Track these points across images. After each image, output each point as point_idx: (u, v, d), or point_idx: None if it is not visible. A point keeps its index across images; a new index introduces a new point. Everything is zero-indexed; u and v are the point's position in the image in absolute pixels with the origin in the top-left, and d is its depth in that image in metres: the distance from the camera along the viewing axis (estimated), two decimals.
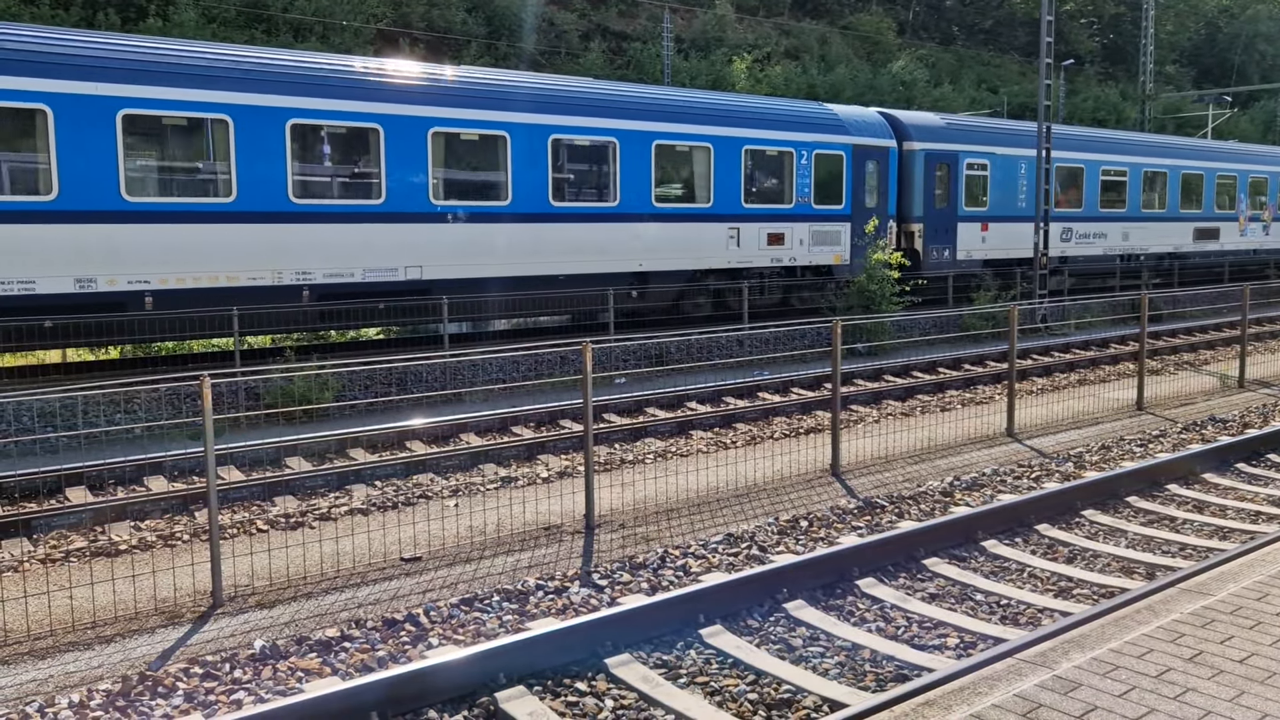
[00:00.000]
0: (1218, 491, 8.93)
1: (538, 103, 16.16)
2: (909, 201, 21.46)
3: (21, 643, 5.89)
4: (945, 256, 21.87)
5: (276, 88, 13.79)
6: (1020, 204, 23.11)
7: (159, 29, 28.87)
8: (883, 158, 20.75)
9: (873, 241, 19.25)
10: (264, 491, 8.97)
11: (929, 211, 21.57)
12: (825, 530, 7.73)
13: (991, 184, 22.65)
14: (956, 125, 22.90)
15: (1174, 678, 4.10)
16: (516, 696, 5.04)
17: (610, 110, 17.06)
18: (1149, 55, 44.97)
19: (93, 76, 12.45)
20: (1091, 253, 25.20)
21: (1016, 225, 23.06)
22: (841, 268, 20.16)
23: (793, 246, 19.45)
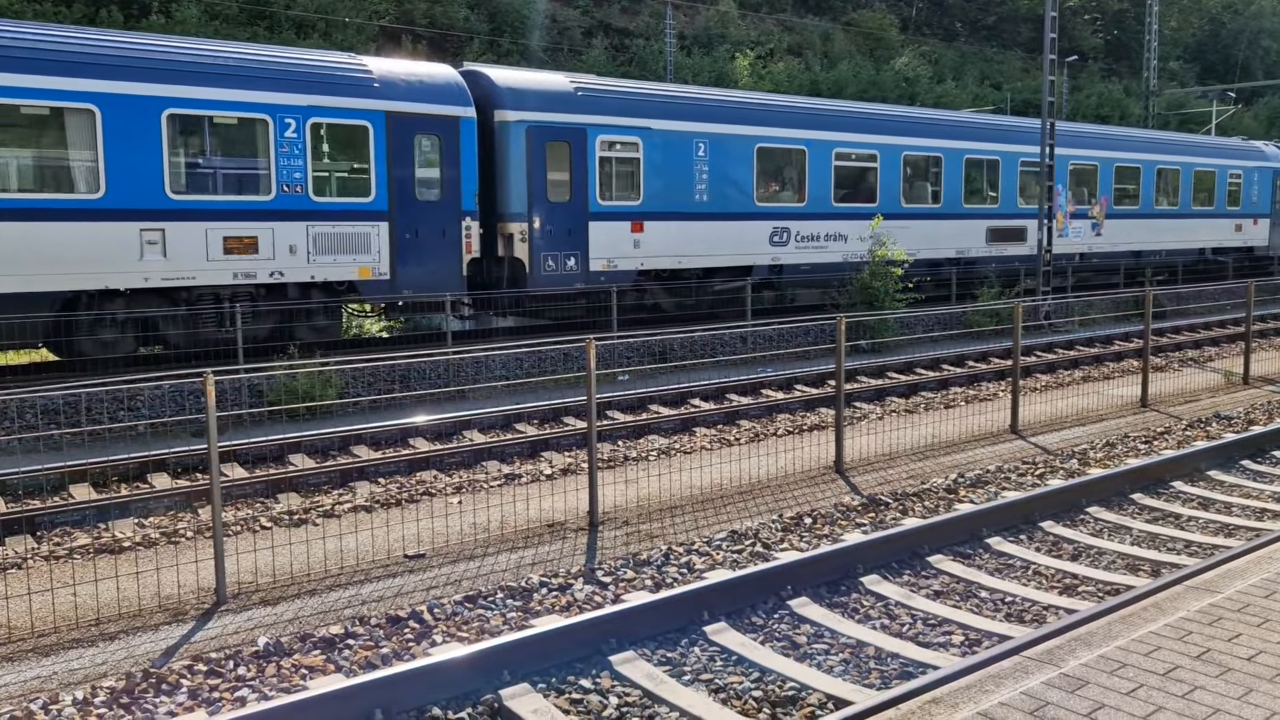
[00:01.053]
0: (1223, 489, 8.90)
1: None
2: (504, 193, 16.11)
3: (26, 640, 5.89)
4: (570, 267, 16.51)
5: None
6: (698, 197, 17.91)
7: (161, 26, 28.86)
8: (448, 131, 15.19)
9: (439, 247, 15.07)
10: (267, 488, 8.97)
11: (539, 206, 16.16)
12: (829, 527, 7.71)
13: (648, 169, 17.27)
14: (590, 90, 17.18)
15: (1182, 675, 4.09)
16: (521, 694, 5.03)
17: None
18: (1153, 51, 44.84)
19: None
20: (822, 259, 19.90)
21: (691, 225, 17.88)
22: (376, 283, 14.86)
23: (274, 255, 13.98)
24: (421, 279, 15.15)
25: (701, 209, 18.03)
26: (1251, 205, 29.63)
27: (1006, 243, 23.17)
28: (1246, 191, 29.71)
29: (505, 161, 16.08)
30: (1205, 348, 18.19)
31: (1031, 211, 23.10)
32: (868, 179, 20.72)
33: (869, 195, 20.69)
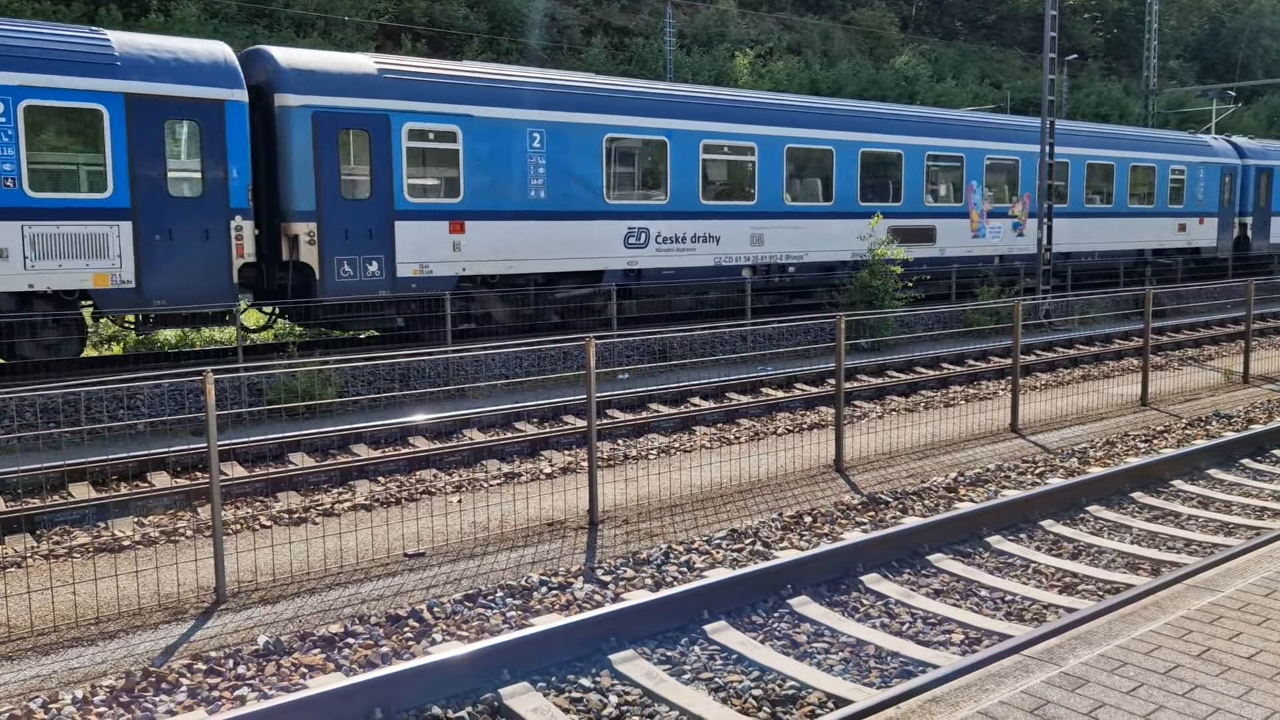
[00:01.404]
0: (1223, 487, 8.90)
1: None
2: (288, 188, 14.06)
3: (25, 638, 5.88)
4: (372, 272, 14.58)
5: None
6: (534, 194, 15.96)
7: (161, 25, 28.85)
8: (210, 117, 13.19)
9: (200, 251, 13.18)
10: (267, 487, 8.96)
11: (331, 204, 14.20)
12: (829, 526, 7.71)
13: (469, 162, 15.38)
14: (397, 72, 15.10)
15: (1182, 674, 4.08)
16: (521, 693, 5.03)
17: None
18: (1152, 50, 44.84)
19: None
20: (689, 263, 17.76)
21: (526, 225, 15.90)
22: (118, 293, 12.79)
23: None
24: (176, 287, 13.02)
25: (538, 207, 16.04)
26: (1196, 204, 27.53)
27: (912, 244, 20.77)
28: (1191, 189, 27.57)
29: (288, 152, 13.97)
30: (1205, 346, 18.19)
31: (942, 210, 21.63)
32: (743, 174, 18.55)
33: (745, 192, 18.58)
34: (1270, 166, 30.31)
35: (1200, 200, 27.76)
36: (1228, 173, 28.79)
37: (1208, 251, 28.49)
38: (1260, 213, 29.77)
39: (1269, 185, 30.29)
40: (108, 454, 9.67)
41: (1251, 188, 29.61)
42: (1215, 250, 28.67)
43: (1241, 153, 29.72)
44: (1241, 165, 29.51)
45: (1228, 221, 29.09)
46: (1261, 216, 29.90)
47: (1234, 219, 29.27)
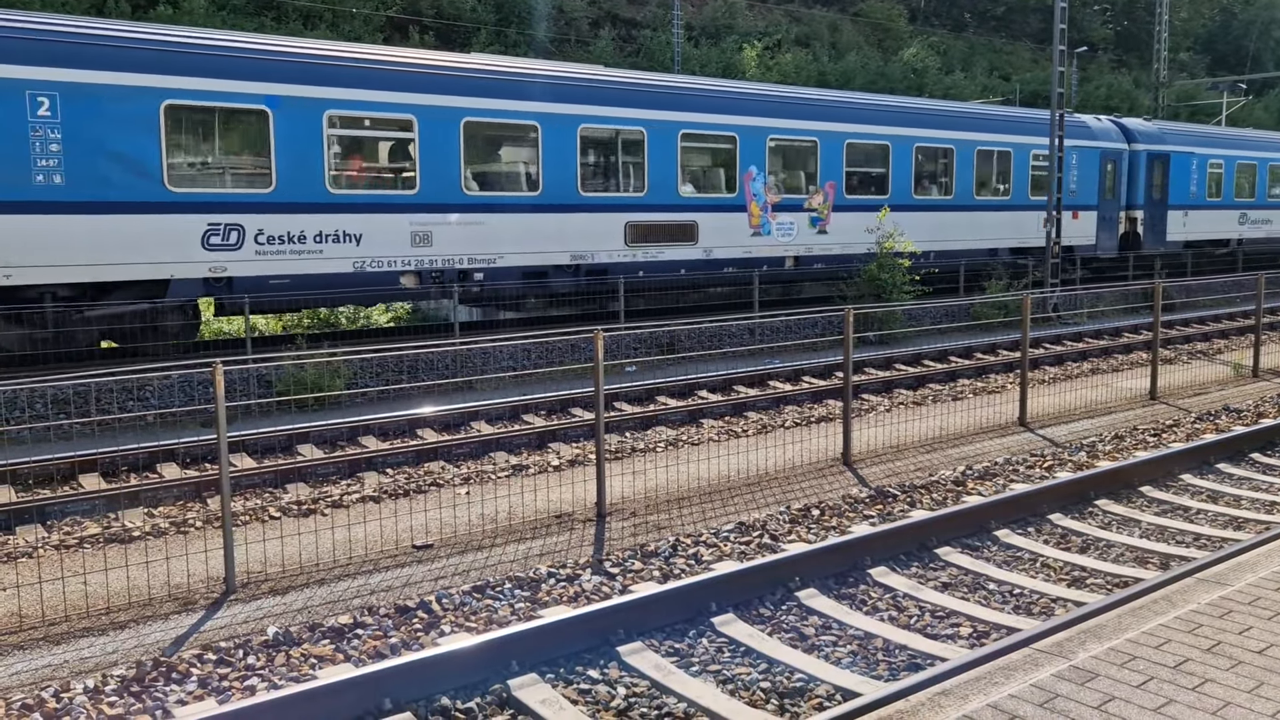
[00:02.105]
0: (1232, 482, 8.88)
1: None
2: None
3: (37, 628, 5.91)
4: None
5: None
6: (43, 178, 11.95)
7: (169, 17, 28.87)
8: None
9: None
10: (276, 478, 8.99)
11: None
12: (837, 519, 7.71)
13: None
14: None
15: (1192, 668, 4.08)
16: (529, 684, 5.04)
17: None
18: (1163, 42, 44.61)
19: None
20: (314, 269, 13.86)
21: (36, 220, 11.98)
22: None
23: None
24: None
25: (50, 196, 11.98)
26: (1070, 195, 23.26)
27: (663, 244, 17.01)
28: (1062, 177, 23.53)
29: None
30: (1214, 340, 18.12)
31: (706, 202, 17.53)
32: (400, 153, 14.81)
33: (403, 179, 14.69)
34: (1166, 153, 25.73)
35: (1074, 191, 23.44)
36: (1110, 159, 24.56)
37: (1085, 250, 24.21)
38: (1154, 206, 25.35)
39: (1164, 174, 25.72)
40: (118, 445, 9.70)
41: (1143, 177, 25.26)
42: (1095, 249, 24.44)
43: (1130, 135, 25.48)
44: (1129, 151, 25.25)
45: (1110, 216, 24.77)
46: (1155, 211, 25.43)
47: (1119, 213, 25.08)
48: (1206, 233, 27.39)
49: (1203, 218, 27.23)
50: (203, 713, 4.57)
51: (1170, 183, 25.82)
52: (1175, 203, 26.18)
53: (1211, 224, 27.57)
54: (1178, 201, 26.24)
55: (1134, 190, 25.37)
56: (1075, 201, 23.69)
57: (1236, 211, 28.30)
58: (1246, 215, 28.67)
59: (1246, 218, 28.71)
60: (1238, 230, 28.52)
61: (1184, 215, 26.37)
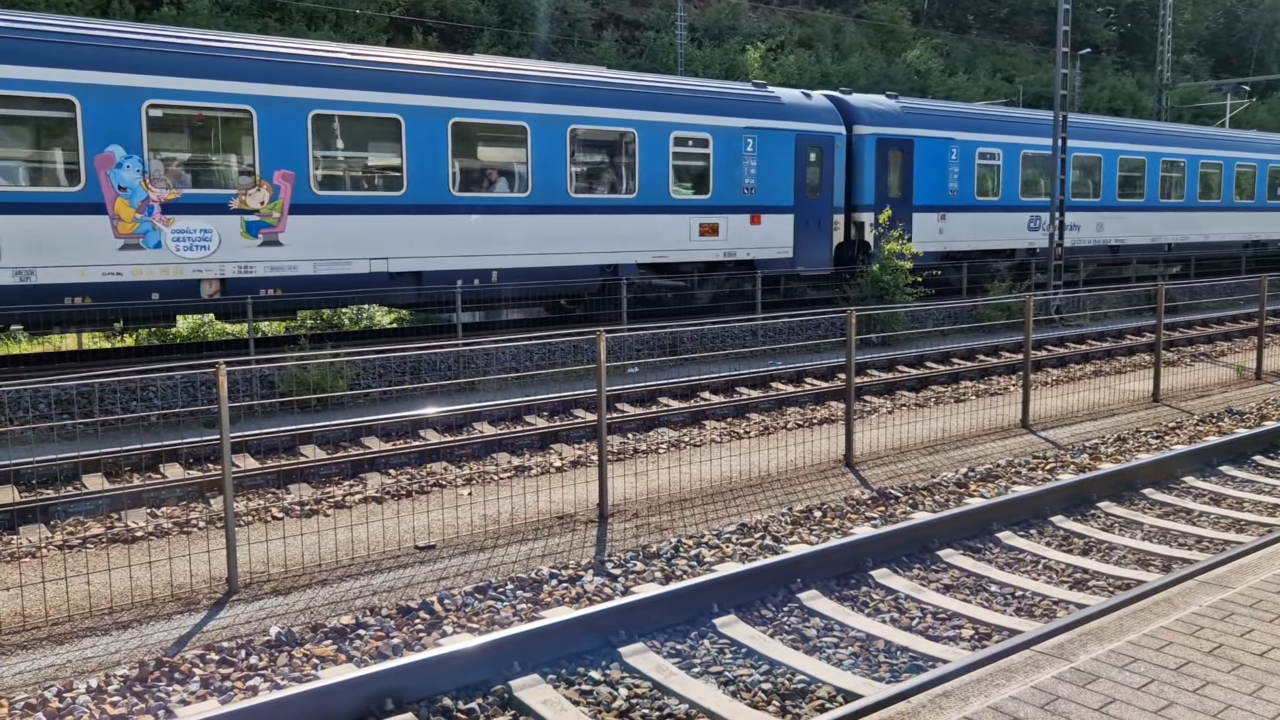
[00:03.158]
0: (1235, 484, 8.87)
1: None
2: None
3: (40, 628, 5.93)
4: None
5: None
6: None
7: (173, 18, 28.93)
8: None
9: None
10: (279, 479, 9.00)
11: None
12: (839, 521, 7.71)
13: None
14: None
15: (1193, 670, 4.08)
16: (531, 685, 5.05)
17: None
18: (1166, 44, 44.56)
19: None
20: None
21: None
22: None
23: None
24: None
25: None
26: (743, 193, 18.01)
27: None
28: (729, 170, 17.74)
29: None
30: (1217, 342, 18.11)
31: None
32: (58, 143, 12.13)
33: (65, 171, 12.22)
34: (908, 139, 20.32)
35: (749, 188, 18.16)
36: (814, 145, 19.07)
37: (773, 266, 18.66)
38: (892, 208, 19.69)
39: (907, 166, 20.48)
40: (121, 445, 9.72)
41: (871, 169, 19.89)
42: (791, 264, 18.92)
43: (852, 115, 20.01)
44: (848, 135, 19.74)
45: (818, 220, 19.23)
46: (895, 214, 19.63)
47: (830, 216, 19.53)
48: (976, 241, 21.82)
49: (969, 222, 21.73)
50: (205, 713, 4.58)
51: (916, 177, 20.62)
52: (925, 203, 20.77)
53: (983, 230, 21.95)
54: (929, 201, 20.87)
55: (859, 187, 19.93)
56: (754, 201, 18.28)
57: (1025, 214, 22.81)
58: (1040, 219, 22.81)
59: (1041, 222, 22.82)
60: (1027, 238, 22.78)
61: (939, 219, 21.05)
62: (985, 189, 22.12)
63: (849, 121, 20.03)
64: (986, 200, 22.14)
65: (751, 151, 18.23)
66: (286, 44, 14.60)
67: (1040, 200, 22.72)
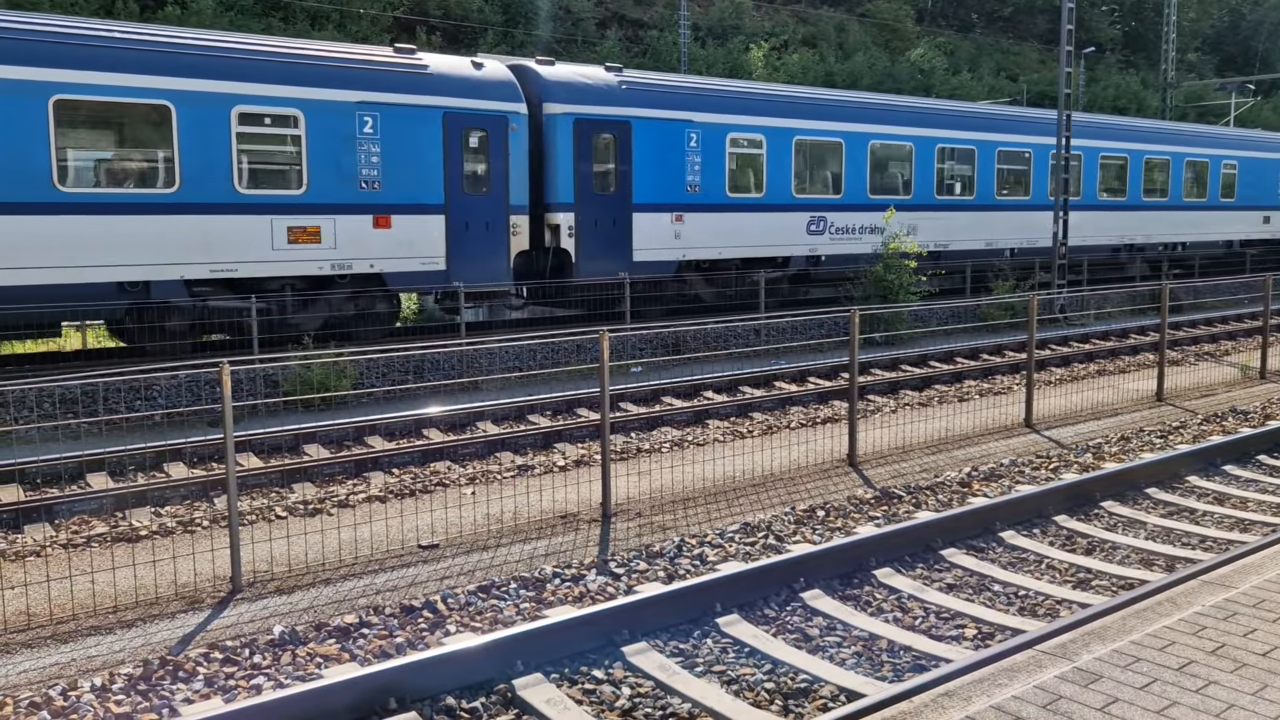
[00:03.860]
0: (1239, 484, 8.86)
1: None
2: None
3: (44, 626, 5.94)
4: None
5: None
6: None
7: (177, 18, 28.96)
8: None
9: None
10: (283, 478, 9.02)
11: None
12: (842, 520, 7.71)
13: None
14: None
15: (1196, 670, 4.07)
16: (534, 684, 5.05)
17: None
18: (1171, 43, 44.51)
19: None
20: None
21: None
22: None
23: None
24: None
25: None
26: (358, 188, 14.26)
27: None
28: (334, 157, 13.91)
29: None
30: (1221, 341, 18.08)
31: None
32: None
33: None
34: (624, 120, 16.40)
35: (371, 181, 14.35)
36: (476, 127, 15.14)
37: (416, 281, 14.97)
38: (600, 207, 16.30)
39: (623, 154, 16.52)
40: (125, 445, 9.74)
41: (568, 158, 16.01)
42: (444, 278, 15.07)
43: (541, 90, 16.04)
44: (537, 115, 15.98)
45: (482, 222, 15.31)
46: (605, 214, 16.34)
47: (505, 218, 15.49)
48: (730, 247, 17.97)
49: (720, 225, 17.76)
50: (209, 711, 4.59)
51: (637, 168, 16.68)
52: (651, 201, 16.85)
53: (741, 235, 18.07)
54: (658, 199, 16.95)
55: (553, 180, 16.05)
56: (378, 198, 14.43)
57: (803, 215, 18.98)
58: (826, 220, 19.26)
59: (827, 224, 19.28)
60: (808, 242, 19.01)
61: (673, 221, 17.18)
62: (744, 183, 18.13)
63: (537, 98, 15.97)
64: (744, 198, 18.07)
65: (372, 134, 14.28)
66: None
67: (826, 198, 19.16)
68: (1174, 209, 26.09)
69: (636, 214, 16.79)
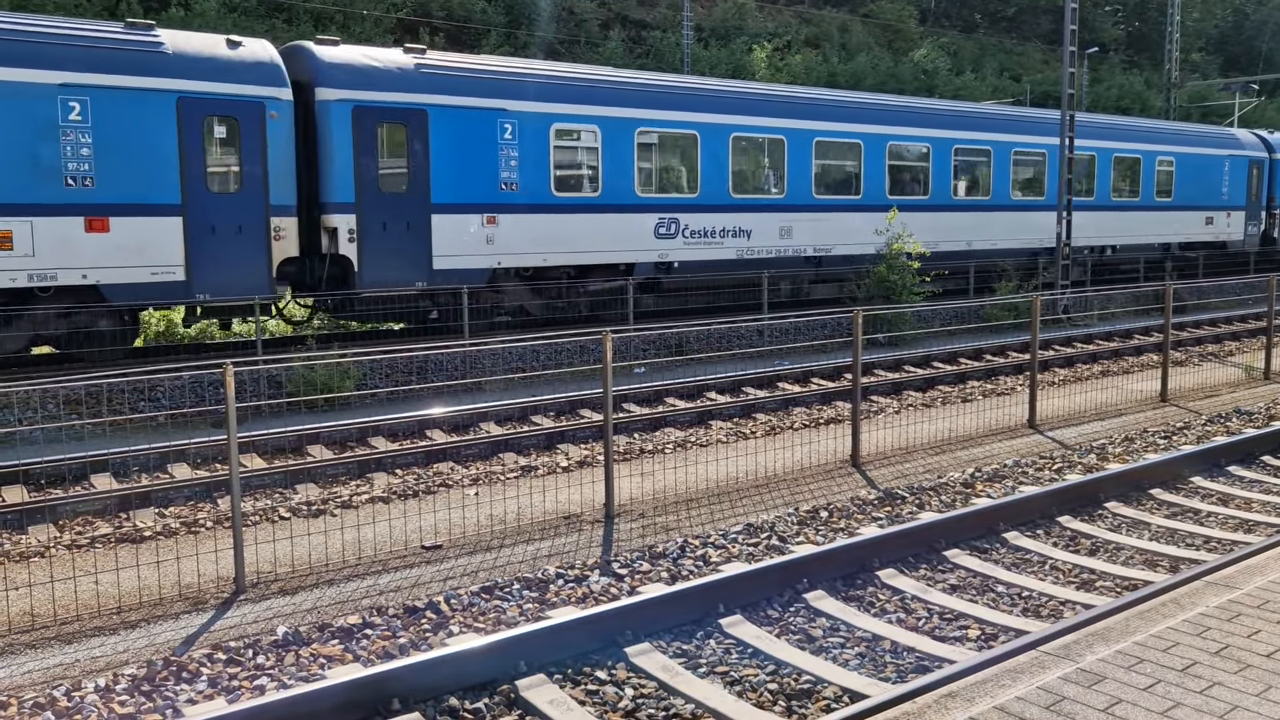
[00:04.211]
0: (1243, 484, 8.84)
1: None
2: None
3: (49, 627, 5.96)
4: None
5: None
6: None
7: (181, 19, 29.01)
8: None
9: None
10: (286, 479, 9.03)
11: None
12: (845, 521, 7.70)
13: None
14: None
15: (1200, 671, 4.07)
16: (537, 684, 5.06)
17: None
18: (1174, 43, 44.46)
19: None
20: None
21: None
22: None
23: None
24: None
25: None
26: (63, 186, 12.26)
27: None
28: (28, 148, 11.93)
29: None
30: (1225, 342, 18.04)
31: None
32: None
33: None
34: (419, 108, 14.51)
35: (79, 178, 12.38)
36: (222, 115, 13.20)
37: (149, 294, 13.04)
38: (385, 207, 14.36)
39: (418, 147, 14.60)
40: (129, 445, 9.75)
41: (346, 151, 14.01)
42: (184, 290, 13.11)
43: (314, 72, 14.10)
44: (306, 101, 14.04)
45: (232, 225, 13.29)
46: (390, 214, 14.39)
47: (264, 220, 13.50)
48: (558, 253, 15.98)
49: (543, 228, 15.70)
50: (212, 712, 4.60)
51: (435, 164, 14.71)
52: (455, 200, 14.93)
53: (573, 240, 16.09)
54: (464, 198, 15.04)
55: (328, 177, 14.08)
56: (91, 197, 12.48)
57: (650, 216, 16.88)
58: (679, 223, 17.09)
59: (680, 228, 17.09)
60: (656, 247, 16.91)
61: (485, 224, 15.27)
62: (573, 182, 16.18)
63: (308, 81, 14.04)
64: (575, 197, 16.10)
65: (78, 121, 12.23)
66: None
67: (680, 198, 17.13)
68: (1101, 209, 24.05)
69: (436, 215, 14.77)
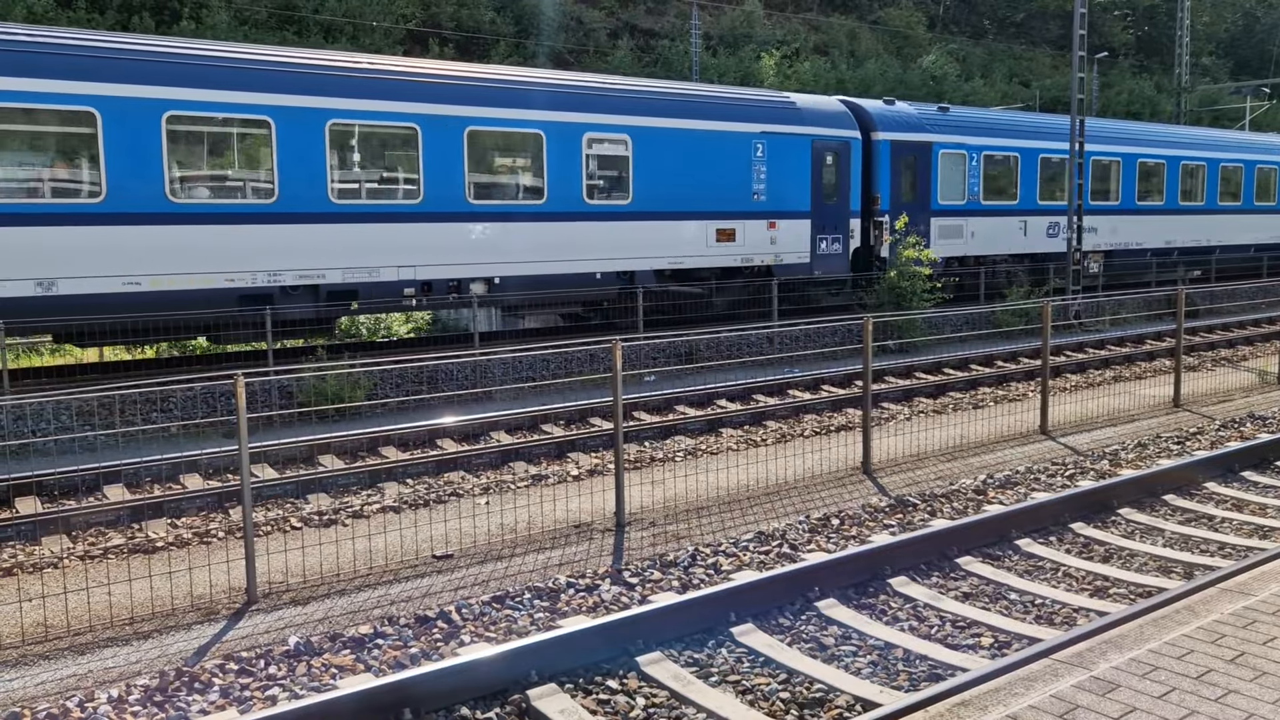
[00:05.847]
0: (1257, 490, 8.78)
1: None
2: None
3: (62, 638, 5.98)
4: None
5: None
6: None
7: (192, 31, 29.22)
8: None
9: None
10: (297, 489, 9.05)
11: None
12: (857, 528, 7.68)
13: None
14: None
15: (1215, 679, 4.04)
16: (548, 694, 5.05)
17: None
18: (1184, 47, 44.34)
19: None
20: None
21: None
22: None
23: None
24: None
25: None
26: None
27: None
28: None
29: None
30: (1239, 347, 17.94)
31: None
32: None
33: None
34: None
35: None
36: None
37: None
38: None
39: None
40: (142, 456, 9.79)
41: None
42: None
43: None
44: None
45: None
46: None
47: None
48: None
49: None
50: None
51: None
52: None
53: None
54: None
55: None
56: None
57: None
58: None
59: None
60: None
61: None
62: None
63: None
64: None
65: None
66: None
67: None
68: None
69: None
